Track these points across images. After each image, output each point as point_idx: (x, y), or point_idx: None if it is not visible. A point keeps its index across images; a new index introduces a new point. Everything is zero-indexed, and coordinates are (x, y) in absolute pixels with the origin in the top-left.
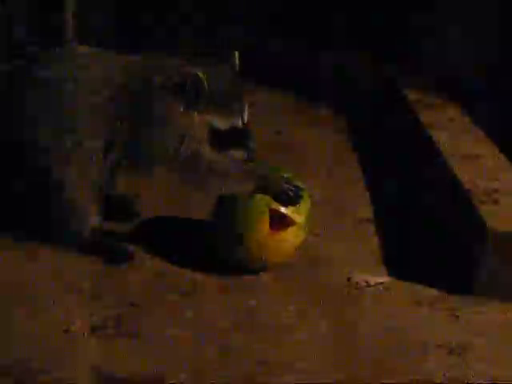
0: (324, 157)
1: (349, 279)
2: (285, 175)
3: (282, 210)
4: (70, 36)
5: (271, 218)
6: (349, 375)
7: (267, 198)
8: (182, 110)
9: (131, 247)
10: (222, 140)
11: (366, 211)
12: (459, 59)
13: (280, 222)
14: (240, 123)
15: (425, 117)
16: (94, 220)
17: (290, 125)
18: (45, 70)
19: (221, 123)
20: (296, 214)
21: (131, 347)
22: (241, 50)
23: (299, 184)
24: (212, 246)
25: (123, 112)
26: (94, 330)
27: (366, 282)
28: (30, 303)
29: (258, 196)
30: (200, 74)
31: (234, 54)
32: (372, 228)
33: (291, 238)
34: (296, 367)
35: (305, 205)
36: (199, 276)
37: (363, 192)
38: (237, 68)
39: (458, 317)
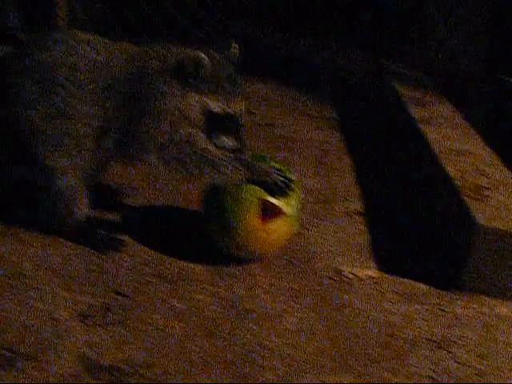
0: (314, 149)
1: (338, 272)
2: (277, 166)
3: (273, 200)
4: (61, 21)
5: (262, 208)
6: (336, 364)
7: (258, 188)
8: (179, 91)
9: (120, 236)
10: (216, 125)
11: (356, 204)
12: (452, 56)
13: (270, 213)
14: (237, 110)
15: (415, 112)
16: (84, 208)
17: (281, 116)
18: (37, 54)
19: (217, 107)
20: (286, 205)
21: (118, 336)
22: (239, 41)
23: (291, 176)
24: (203, 235)
25: (118, 98)
26: (81, 318)
27: (355, 275)
28: (17, 290)
29: (249, 186)
30: (201, 54)
31: (234, 45)
32: (362, 221)
33: (281, 228)
34: (284, 355)
35: (296, 196)
36: (187, 265)
37: (353, 185)
38: (236, 58)
39: (445, 311)
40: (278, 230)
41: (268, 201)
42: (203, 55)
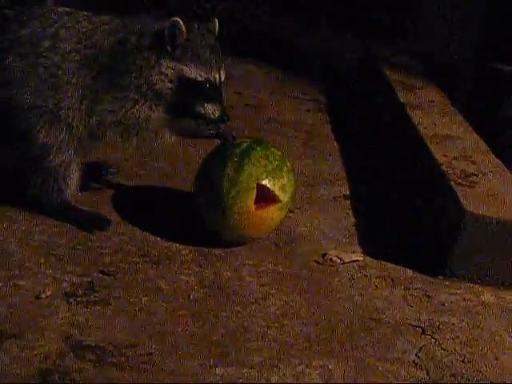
0: (302, 132)
1: (324, 255)
2: (275, 152)
3: (269, 186)
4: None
5: (258, 192)
6: (320, 348)
7: (257, 172)
8: (154, 62)
9: (107, 214)
10: (196, 93)
11: (343, 188)
12: (442, 41)
13: (266, 198)
14: (217, 79)
15: (404, 97)
16: (73, 185)
17: (270, 98)
18: (19, 29)
19: (195, 74)
20: (283, 191)
21: (102, 315)
22: (226, 22)
23: (286, 163)
24: (190, 215)
25: (97, 69)
26: (65, 296)
27: (341, 259)
28: (1, 268)
29: (250, 169)
30: (178, 20)
31: (214, 20)
32: (348, 205)
33: (274, 215)
34: (269, 337)
35: (290, 183)
36: (173, 245)
37: (341, 169)
38: (215, 32)
39: (430, 297)
40: (271, 216)
41: (266, 186)
42: (179, 21)
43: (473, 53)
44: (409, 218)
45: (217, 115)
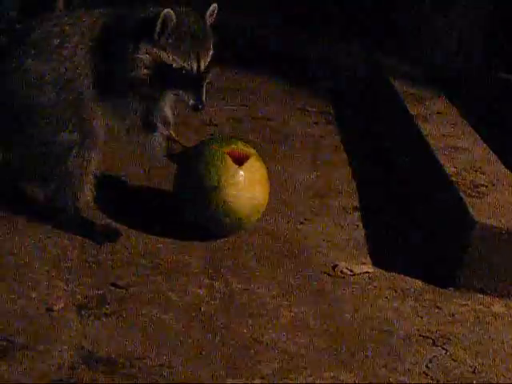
0: (310, 143)
1: (334, 267)
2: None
3: (235, 148)
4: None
5: (231, 157)
6: (331, 360)
7: (217, 147)
8: (132, 47)
9: (116, 226)
10: (175, 79)
11: (352, 199)
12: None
13: (240, 158)
14: (194, 67)
15: (413, 108)
16: (88, 194)
17: (277, 110)
18: (32, 32)
19: (172, 61)
20: (246, 147)
21: (114, 327)
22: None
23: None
24: (179, 209)
25: (96, 61)
26: (77, 309)
27: (351, 271)
28: (13, 280)
29: (211, 148)
30: (169, 11)
31: (213, 6)
32: (358, 216)
33: (258, 165)
34: (279, 349)
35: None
36: (183, 257)
37: (350, 180)
38: (212, 18)
39: (441, 308)
40: (257, 167)
41: (233, 150)
42: (170, 12)
43: (481, 62)
44: (418, 230)
45: (191, 102)
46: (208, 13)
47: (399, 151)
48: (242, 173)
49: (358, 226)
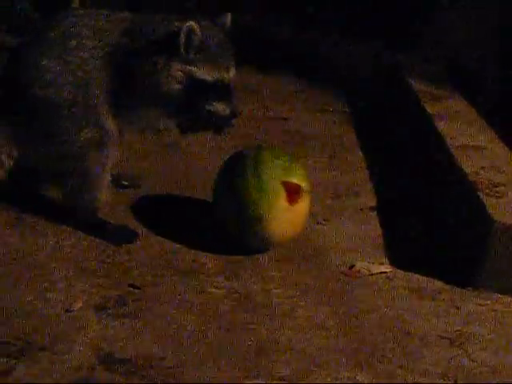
0: (327, 144)
1: (351, 267)
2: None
3: (295, 180)
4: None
5: (285, 189)
6: (348, 360)
7: (276, 173)
8: (164, 64)
9: (133, 227)
10: (207, 93)
11: (370, 199)
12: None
13: (292, 192)
14: (226, 78)
15: (430, 107)
16: (105, 194)
17: (294, 110)
18: (50, 31)
19: (205, 75)
20: (304, 181)
21: (132, 328)
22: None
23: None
24: (215, 225)
25: (114, 69)
26: (95, 309)
27: (369, 271)
28: (32, 281)
29: (268, 175)
30: (194, 25)
31: (227, 15)
32: (375, 216)
33: (306, 206)
34: (296, 350)
35: (303, 170)
36: (200, 257)
37: (367, 180)
38: (227, 27)
39: (459, 308)
40: (305, 205)
41: (290, 182)
42: (194, 25)
43: (497, 60)
44: (436, 229)
45: (227, 112)
46: (225, 21)
47: (416, 150)
48: (292, 211)
49: (375, 225)
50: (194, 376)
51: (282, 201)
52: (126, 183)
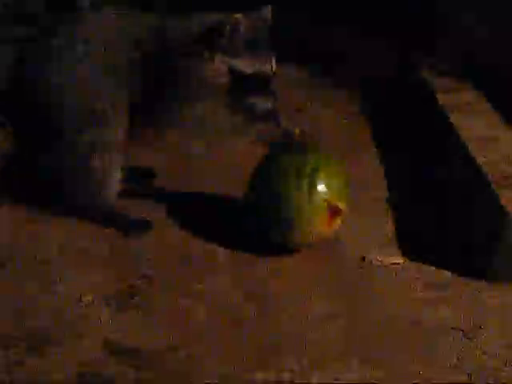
0: (341, 139)
1: (363, 258)
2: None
3: (338, 204)
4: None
5: (329, 211)
6: (361, 352)
7: (326, 191)
8: (205, 59)
9: (147, 218)
10: (247, 86)
11: (382, 192)
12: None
13: (333, 213)
14: (268, 69)
15: (442, 99)
16: (115, 187)
17: (310, 107)
18: (61, 34)
19: (247, 68)
20: (343, 202)
21: (143, 319)
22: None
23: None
24: (228, 217)
25: (143, 73)
26: (106, 301)
27: (381, 262)
28: (42, 274)
29: (319, 189)
30: (238, 17)
31: (268, 8)
32: (388, 208)
33: (338, 223)
34: (308, 342)
35: (346, 190)
36: (213, 248)
37: (381, 174)
38: (269, 21)
39: (471, 300)
40: (336, 225)
41: (335, 205)
42: (238, 18)
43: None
44: (449, 221)
45: (267, 106)
46: (267, 14)
47: (429, 143)
48: (328, 230)
49: (388, 217)
50: (205, 367)
51: (322, 218)
52: (140, 175)
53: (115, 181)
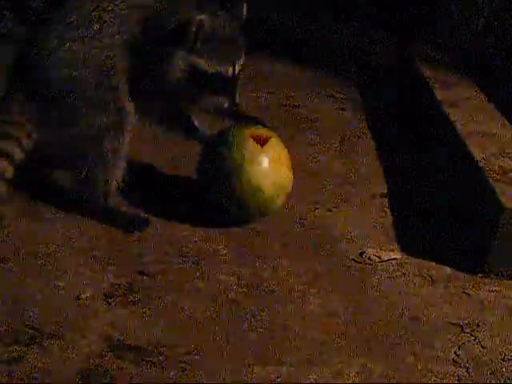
0: (338, 131)
1: (361, 254)
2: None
3: (257, 132)
4: None
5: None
6: (359, 347)
7: (240, 128)
8: (169, 51)
9: (143, 214)
10: (207, 83)
11: (380, 186)
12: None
13: (262, 140)
14: (229, 72)
15: (440, 94)
16: (119, 179)
17: (304, 97)
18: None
19: (207, 67)
20: (268, 132)
21: (142, 315)
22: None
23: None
24: (224, 212)
25: (137, 59)
26: (105, 297)
27: (379, 258)
28: (42, 270)
29: (234, 131)
30: (205, 19)
31: (243, 5)
32: (386, 203)
33: (280, 147)
34: (307, 337)
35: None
36: (211, 244)
37: (377, 167)
38: (243, 18)
39: (469, 295)
40: (278, 149)
41: (256, 133)
42: (206, 19)
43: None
44: (447, 216)
45: (225, 105)
46: (241, 11)
47: (427, 137)
48: (264, 153)
49: (385, 213)
50: (205, 363)
51: (253, 146)
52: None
53: (120, 170)
